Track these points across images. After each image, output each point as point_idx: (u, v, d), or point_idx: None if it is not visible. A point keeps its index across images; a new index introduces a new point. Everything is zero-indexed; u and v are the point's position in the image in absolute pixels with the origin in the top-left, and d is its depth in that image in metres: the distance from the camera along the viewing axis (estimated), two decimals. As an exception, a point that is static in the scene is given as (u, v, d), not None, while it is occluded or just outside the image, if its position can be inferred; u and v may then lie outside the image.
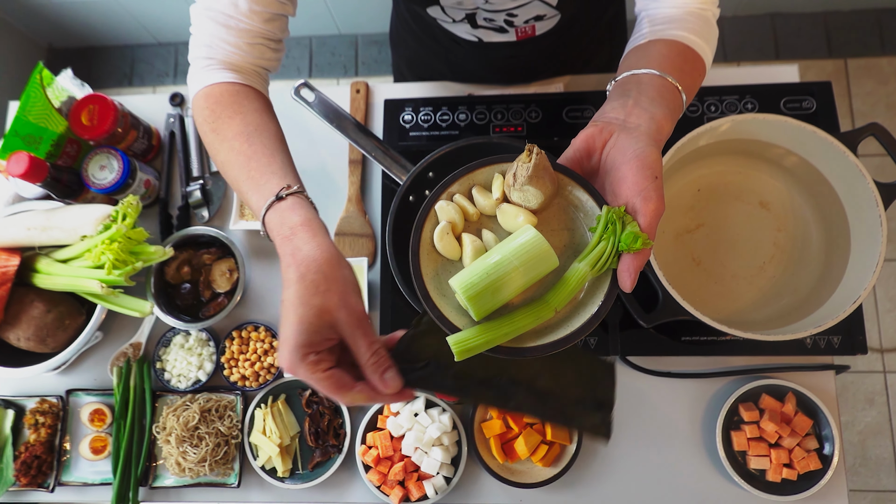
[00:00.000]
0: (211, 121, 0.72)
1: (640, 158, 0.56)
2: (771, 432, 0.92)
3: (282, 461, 0.98)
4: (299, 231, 0.58)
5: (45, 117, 1.00)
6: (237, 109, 0.73)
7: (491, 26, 0.97)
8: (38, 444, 1.01)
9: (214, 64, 0.78)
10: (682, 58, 0.72)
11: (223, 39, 0.76)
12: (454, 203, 0.57)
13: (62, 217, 0.97)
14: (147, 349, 1.06)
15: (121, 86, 2.46)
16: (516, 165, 0.54)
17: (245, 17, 0.75)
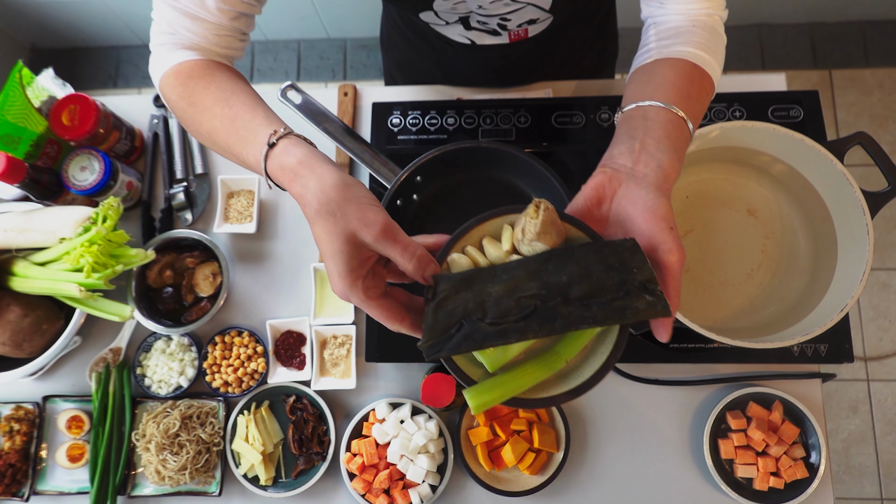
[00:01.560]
0: (185, 95, 0.70)
1: (652, 210, 0.56)
2: (758, 440, 0.92)
3: (265, 469, 0.96)
4: (300, 170, 0.58)
5: (24, 117, 0.98)
6: (210, 80, 0.71)
7: (484, 29, 0.97)
8: (12, 452, 0.99)
9: (177, 45, 0.76)
10: (689, 79, 0.70)
11: (188, 29, 0.74)
12: (466, 255, 0.57)
13: (40, 219, 0.95)
14: (127, 354, 1.04)
15: (105, 87, 2.43)
16: (524, 220, 0.54)
17: (212, 13, 0.73)
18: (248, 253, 1.08)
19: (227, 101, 0.68)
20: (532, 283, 0.51)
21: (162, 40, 0.76)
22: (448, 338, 0.50)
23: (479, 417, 0.96)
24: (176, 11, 0.73)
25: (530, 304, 0.49)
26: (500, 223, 0.57)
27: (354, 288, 0.53)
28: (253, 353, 1.01)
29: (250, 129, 0.64)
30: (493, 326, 0.49)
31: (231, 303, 1.06)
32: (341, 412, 1.01)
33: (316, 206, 0.55)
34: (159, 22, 0.76)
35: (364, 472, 0.94)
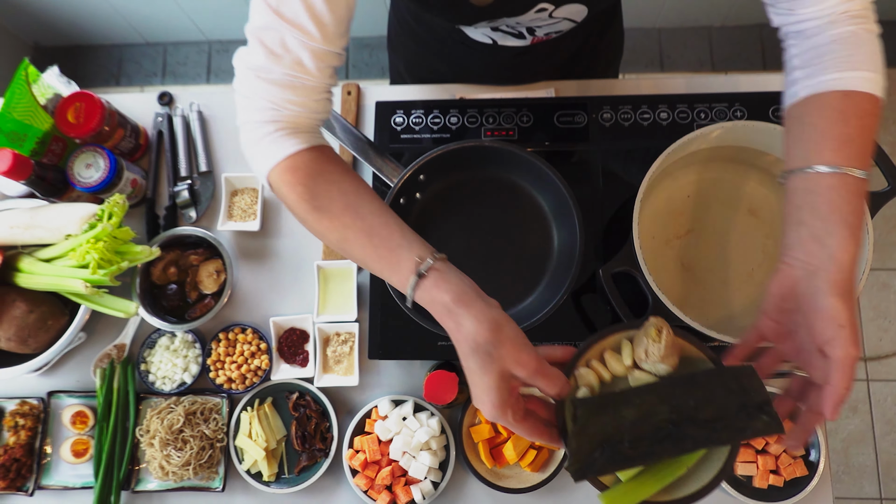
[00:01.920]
0: (309, 198, 0.67)
1: (824, 311, 0.60)
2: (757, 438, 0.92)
3: (268, 465, 0.96)
4: (454, 308, 0.59)
5: (30, 114, 0.99)
6: (328, 179, 0.68)
7: (511, 32, 0.97)
8: (17, 447, 0.99)
9: (280, 130, 0.69)
10: (845, 119, 0.65)
11: (288, 100, 0.68)
12: (591, 369, 0.61)
13: (46, 216, 0.96)
14: (131, 351, 1.05)
15: (108, 85, 2.43)
16: (647, 342, 0.59)
17: (311, 75, 0.68)
18: (252, 250, 1.09)
19: (356, 209, 0.66)
20: (663, 406, 0.56)
21: (258, 117, 0.69)
22: (593, 461, 0.55)
23: (481, 415, 0.96)
24: (274, 85, 0.67)
25: (664, 426, 0.55)
26: (619, 338, 0.63)
27: (505, 415, 0.57)
28: (256, 350, 1.02)
29: (391, 249, 0.64)
30: (632, 450, 0.55)
31: (235, 300, 1.07)
32: (344, 409, 1.02)
33: (472, 346, 0.57)
34: (255, 98, 0.69)
35: (366, 469, 0.94)
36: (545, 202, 1.01)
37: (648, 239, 0.95)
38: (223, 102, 1.17)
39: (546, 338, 0.97)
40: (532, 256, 1.00)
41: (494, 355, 0.56)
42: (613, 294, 0.83)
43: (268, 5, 0.63)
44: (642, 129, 1.04)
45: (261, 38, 0.65)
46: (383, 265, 0.64)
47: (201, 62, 2.42)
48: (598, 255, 0.99)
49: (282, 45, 0.64)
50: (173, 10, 2.20)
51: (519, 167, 0.99)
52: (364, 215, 0.66)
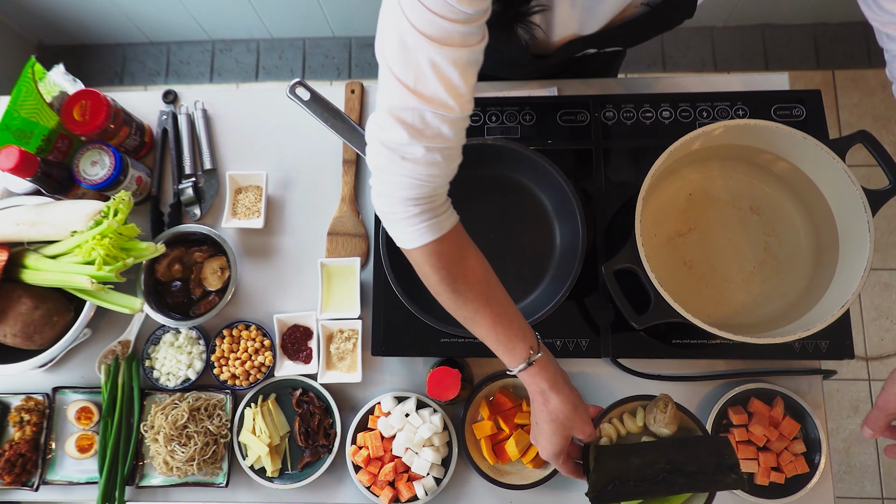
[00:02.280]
0: (450, 282, 0.74)
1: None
2: (759, 436, 0.93)
3: (271, 461, 0.97)
4: (548, 391, 0.76)
5: (36, 112, 0.99)
6: (466, 265, 0.75)
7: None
8: (22, 442, 1.00)
9: (424, 213, 0.71)
10: None
11: (432, 175, 0.69)
12: (612, 425, 0.84)
13: (52, 212, 0.96)
14: (136, 347, 1.05)
15: (111, 84, 2.44)
16: (656, 412, 0.81)
17: (451, 143, 0.68)
18: (256, 248, 1.10)
19: (488, 299, 0.76)
20: (661, 459, 0.77)
21: (402, 194, 0.70)
22: (606, 492, 0.76)
23: (484, 411, 0.97)
24: (418, 164, 0.67)
25: (660, 474, 0.76)
26: (635, 405, 0.85)
27: (558, 460, 0.78)
28: (260, 347, 1.02)
29: (510, 338, 0.76)
30: (636, 488, 0.75)
31: (239, 297, 1.08)
32: (347, 405, 1.02)
33: (553, 417, 0.76)
34: (398, 175, 0.69)
35: (369, 465, 0.95)
36: (548, 200, 1.02)
37: (651, 237, 0.96)
38: (227, 101, 1.18)
39: (549, 334, 0.97)
40: (535, 254, 1.01)
41: (567, 425, 0.76)
42: (615, 291, 0.84)
43: (404, 86, 0.62)
44: (644, 128, 1.05)
45: (400, 117, 0.64)
46: (502, 349, 0.76)
47: (205, 61, 2.43)
48: (601, 253, 0.99)
49: (422, 121, 0.64)
50: (177, 10, 2.21)
51: (522, 165, 0.99)
52: (492, 304, 0.76)
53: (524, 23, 0.86)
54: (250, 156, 1.14)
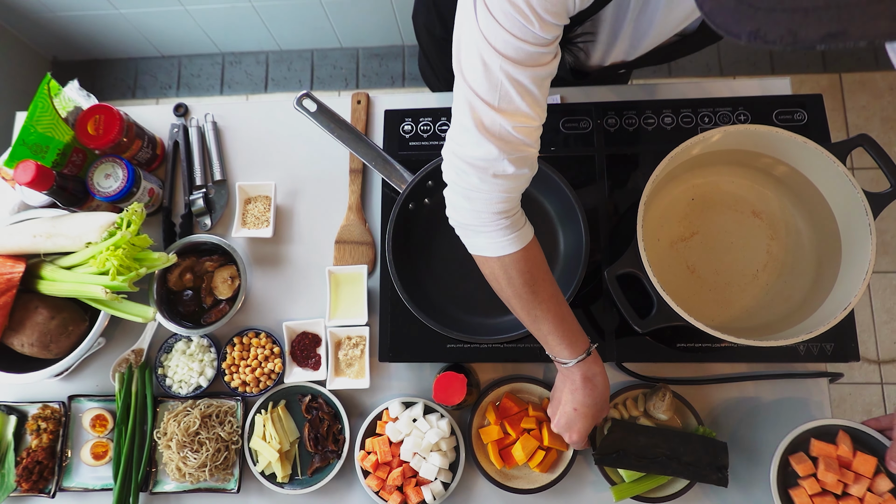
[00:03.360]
0: (531, 284, 0.80)
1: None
2: (833, 483, 0.84)
3: (281, 466, 0.98)
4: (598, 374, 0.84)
5: (52, 127, 1.02)
6: (542, 269, 0.82)
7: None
8: (39, 450, 1.02)
9: (510, 227, 0.77)
10: None
11: (520, 187, 0.75)
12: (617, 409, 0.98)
13: (67, 224, 0.99)
14: (149, 355, 1.07)
15: (124, 98, 2.48)
16: (655, 399, 0.94)
17: (532, 149, 0.72)
18: (265, 257, 1.12)
19: (557, 300, 0.82)
20: (664, 445, 0.92)
21: (494, 209, 0.75)
22: (610, 457, 0.92)
23: (490, 416, 0.98)
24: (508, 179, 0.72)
25: (660, 456, 0.91)
26: (637, 392, 0.98)
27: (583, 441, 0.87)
28: (270, 354, 1.04)
29: (573, 332, 0.83)
30: (636, 461, 0.91)
31: (249, 305, 1.09)
32: (355, 411, 1.04)
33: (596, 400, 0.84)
34: (490, 192, 0.73)
35: (378, 470, 0.96)
36: (551, 206, 1.03)
37: (653, 241, 0.97)
38: (237, 113, 1.20)
39: (553, 340, 0.98)
40: (539, 260, 1.02)
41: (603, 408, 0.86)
42: (618, 295, 0.85)
43: (489, 105, 0.66)
44: (647, 134, 1.06)
45: (488, 133, 0.68)
46: (566, 342, 0.82)
47: (215, 74, 2.47)
48: (605, 258, 1.00)
49: (508, 135, 0.68)
50: (188, 24, 2.25)
51: (525, 172, 1.00)
52: (561, 305, 0.83)
53: (570, 48, 0.92)
54: (259, 166, 1.17)
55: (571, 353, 0.82)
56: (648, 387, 0.97)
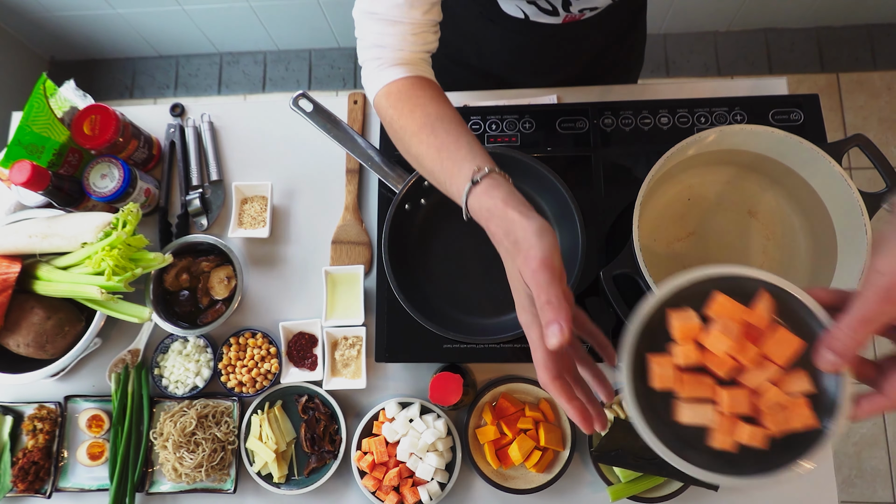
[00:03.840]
0: (396, 118, 0.76)
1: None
2: (720, 356, 0.53)
3: (278, 467, 0.98)
4: (503, 210, 0.61)
5: (47, 127, 1.02)
6: (416, 103, 0.76)
7: (544, 7, 0.99)
8: (35, 450, 1.02)
9: (385, 62, 0.81)
10: None
11: (390, 35, 0.79)
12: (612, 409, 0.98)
13: (63, 225, 0.99)
14: (145, 355, 1.07)
15: (122, 98, 2.48)
16: None
17: (406, 14, 0.77)
18: (262, 257, 1.12)
19: (433, 127, 0.72)
20: None
21: (369, 55, 0.82)
22: (608, 455, 0.93)
23: (487, 416, 0.98)
24: (378, 22, 0.79)
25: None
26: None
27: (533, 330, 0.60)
28: (266, 354, 1.04)
29: (455, 160, 0.67)
30: (633, 460, 0.92)
31: (245, 305, 1.09)
32: (352, 411, 1.04)
33: (507, 261, 0.62)
34: (366, 37, 0.81)
35: (374, 470, 0.96)
36: (548, 206, 1.03)
37: (650, 242, 0.97)
38: (234, 113, 1.20)
39: (550, 340, 0.98)
40: (535, 260, 1.02)
41: (532, 264, 0.56)
42: (614, 296, 0.85)
43: None
44: (643, 134, 1.06)
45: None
46: (446, 176, 0.68)
47: (212, 74, 2.47)
48: (601, 259, 1.00)
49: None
50: (185, 24, 2.25)
51: (522, 172, 1.00)
52: (438, 132, 0.71)
53: None
54: (256, 166, 1.17)
55: (457, 190, 0.65)
56: None
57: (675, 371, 0.54)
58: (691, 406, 0.54)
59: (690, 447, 0.55)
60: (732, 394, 0.53)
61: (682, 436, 0.55)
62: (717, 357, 0.53)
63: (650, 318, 0.57)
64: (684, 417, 0.54)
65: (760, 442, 0.52)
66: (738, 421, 0.53)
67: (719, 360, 0.53)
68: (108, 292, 0.93)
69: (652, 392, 0.56)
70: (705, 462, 0.54)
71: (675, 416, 0.55)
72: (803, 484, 0.96)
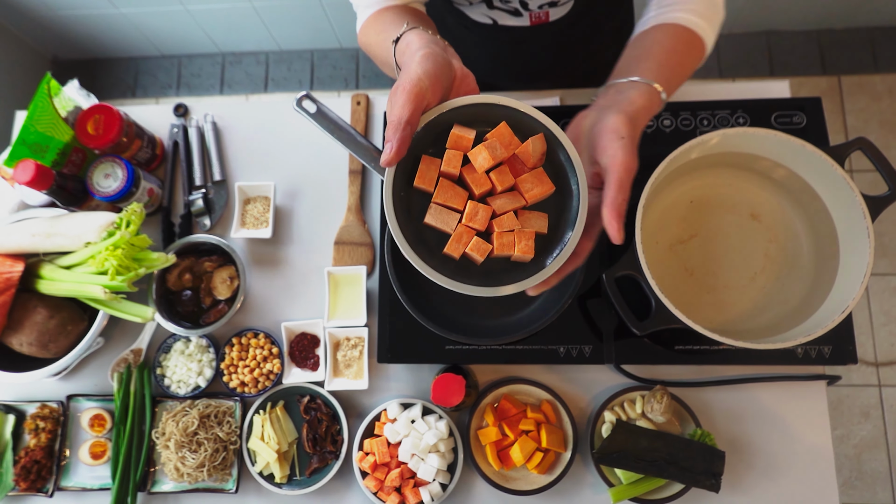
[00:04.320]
0: (378, 32, 0.81)
1: (607, 126, 0.67)
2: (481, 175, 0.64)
3: (279, 467, 0.99)
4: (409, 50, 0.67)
5: (51, 126, 1.02)
6: (400, 20, 0.79)
7: (506, 8, 0.99)
8: (37, 449, 1.02)
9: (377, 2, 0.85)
10: (682, 42, 0.80)
11: None
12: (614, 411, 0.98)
13: (66, 224, 0.99)
14: (147, 355, 1.07)
15: (124, 97, 2.49)
16: (653, 401, 0.94)
17: None
18: (264, 257, 1.12)
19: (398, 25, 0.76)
20: (664, 449, 0.92)
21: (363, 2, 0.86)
22: (611, 457, 0.93)
23: (489, 418, 0.98)
24: None
25: (659, 460, 0.92)
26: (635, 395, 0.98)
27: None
28: (268, 355, 1.04)
29: (390, 33, 0.74)
30: (634, 462, 0.92)
31: (247, 305, 1.10)
32: (354, 412, 1.04)
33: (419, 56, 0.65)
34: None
35: (376, 471, 0.96)
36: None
37: (652, 244, 0.97)
38: (237, 113, 1.20)
39: (553, 340, 0.98)
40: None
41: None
42: (617, 298, 0.85)
43: None
44: (646, 137, 1.06)
45: None
46: (383, 49, 0.76)
47: (215, 73, 2.47)
48: (604, 260, 1.00)
49: None
50: (188, 24, 2.25)
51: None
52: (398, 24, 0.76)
53: None
54: (259, 167, 1.17)
55: (389, 58, 0.75)
56: (646, 389, 0.98)
57: (438, 175, 0.61)
58: (440, 211, 0.61)
59: (427, 251, 0.62)
60: (476, 208, 0.61)
61: (424, 239, 0.62)
62: (477, 175, 0.61)
63: (438, 125, 0.63)
64: (429, 219, 0.61)
65: (482, 256, 0.61)
66: (473, 233, 0.61)
67: (478, 179, 0.61)
68: (112, 292, 0.93)
69: (414, 190, 0.63)
70: (434, 264, 0.62)
71: (424, 219, 0.62)
72: (805, 485, 0.96)
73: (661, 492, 0.94)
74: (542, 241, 0.64)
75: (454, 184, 0.62)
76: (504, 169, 0.62)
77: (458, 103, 0.62)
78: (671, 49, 0.78)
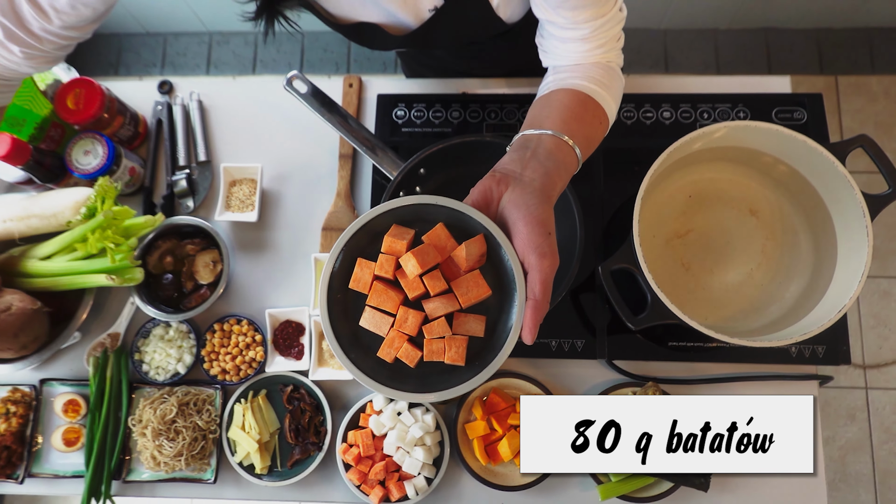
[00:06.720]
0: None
1: (535, 216, 0.60)
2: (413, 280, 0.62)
3: (260, 458, 0.96)
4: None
5: (29, 99, 0.98)
6: None
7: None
8: (8, 435, 0.99)
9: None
10: (583, 107, 0.76)
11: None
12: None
13: (40, 204, 0.95)
14: (125, 340, 1.04)
15: (106, 75, 2.42)
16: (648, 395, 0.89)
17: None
18: (249, 242, 1.08)
19: None
20: None
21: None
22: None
23: (477, 412, 0.96)
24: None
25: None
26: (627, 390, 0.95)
27: None
28: (251, 342, 1.01)
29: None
30: None
31: (231, 291, 1.06)
32: (338, 403, 1.01)
33: None
34: None
35: (360, 463, 0.94)
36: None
37: (649, 238, 0.95)
38: (223, 93, 1.16)
39: (545, 334, 0.96)
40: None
41: None
42: (612, 291, 0.83)
43: None
44: (645, 128, 1.04)
45: None
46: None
47: (201, 53, 2.41)
48: (599, 254, 0.98)
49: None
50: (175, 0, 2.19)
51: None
52: None
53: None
54: (246, 148, 1.13)
55: None
56: (638, 385, 0.96)
57: (372, 278, 0.60)
58: (374, 314, 0.60)
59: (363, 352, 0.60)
60: (407, 313, 0.59)
61: (360, 340, 0.61)
62: (409, 280, 0.59)
63: (377, 226, 0.62)
64: (364, 322, 0.60)
65: (412, 362, 0.59)
66: (405, 339, 0.60)
67: (411, 283, 0.59)
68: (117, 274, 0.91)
69: (349, 292, 0.61)
70: (368, 368, 0.60)
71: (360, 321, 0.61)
72: (793, 486, 0.95)
73: (649, 490, 0.93)
74: (480, 343, 0.61)
75: (389, 286, 0.60)
76: (436, 273, 0.60)
77: (395, 204, 0.60)
78: (572, 108, 0.75)
